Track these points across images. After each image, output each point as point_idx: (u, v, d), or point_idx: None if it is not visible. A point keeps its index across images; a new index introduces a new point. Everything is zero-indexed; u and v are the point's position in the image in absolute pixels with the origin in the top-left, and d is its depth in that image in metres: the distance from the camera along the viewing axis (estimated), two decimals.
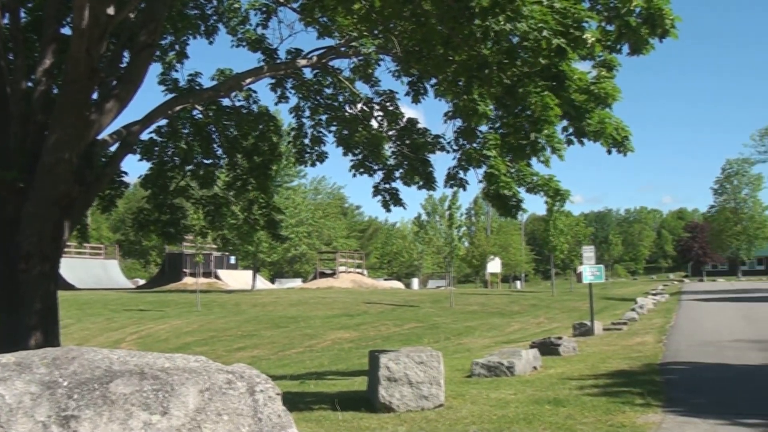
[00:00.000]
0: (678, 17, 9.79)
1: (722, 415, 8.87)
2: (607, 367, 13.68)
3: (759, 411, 9.22)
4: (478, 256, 76.00)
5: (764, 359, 14.57)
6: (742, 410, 9.24)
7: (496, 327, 31.11)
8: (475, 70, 9.88)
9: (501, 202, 11.90)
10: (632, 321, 25.39)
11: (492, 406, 9.50)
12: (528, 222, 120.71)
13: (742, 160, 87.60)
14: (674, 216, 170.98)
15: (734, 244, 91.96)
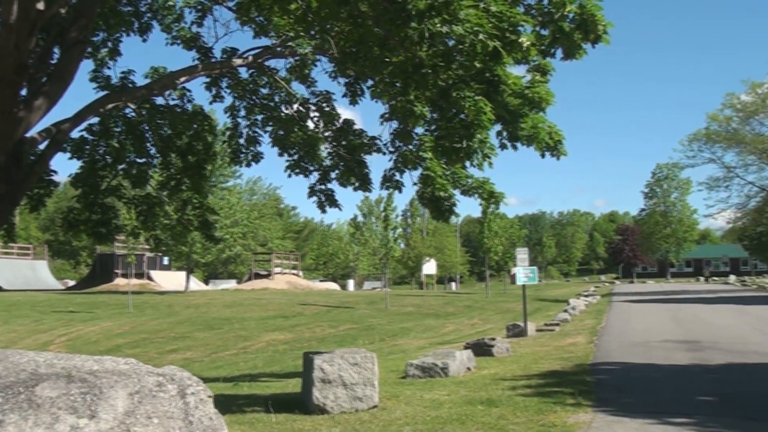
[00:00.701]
0: (610, 23, 9.95)
1: (651, 414, 9.06)
2: (540, 368, 13.85)
3: (686, 410, 9.44)
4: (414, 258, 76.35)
5: (691, 359, 14.92)
6: (669, 409, 9.44)
7: (431, 328, 31.27)
8: (411, 72, 9.91)
9: (435, 204, 11.96)
10: (564, 322, 25.75)
11: (426, 406, 9.54)
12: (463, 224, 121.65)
13: (671, 165, 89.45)
14: (606, 219, 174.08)
15: (663, 246, 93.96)
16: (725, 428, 8.37)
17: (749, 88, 62.44)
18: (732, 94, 64.65)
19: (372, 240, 54.48)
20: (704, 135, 65.52)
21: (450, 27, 8.57)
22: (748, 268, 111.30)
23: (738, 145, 63.56)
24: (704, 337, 19.27)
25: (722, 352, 16.07)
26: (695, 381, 12.34)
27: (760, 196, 64.30)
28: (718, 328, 22.03)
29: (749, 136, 63.22)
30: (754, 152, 62.72)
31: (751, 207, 65.53)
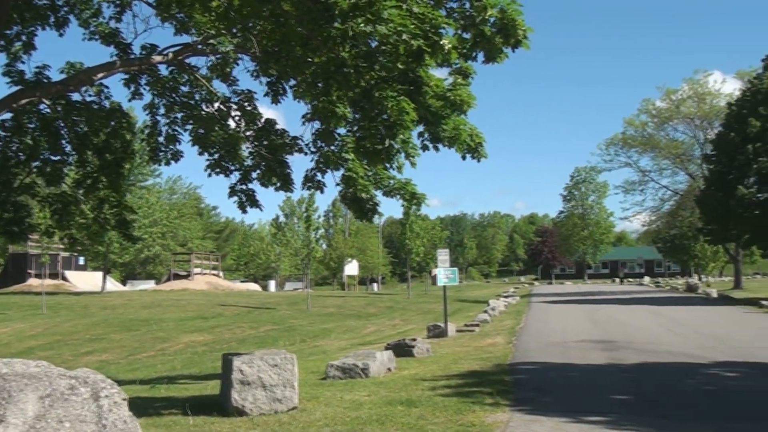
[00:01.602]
0: (530, 28, 10.07)
1: (567, 413, 9.21)
2: (459, 368, 13.95)
3: (601, 409, 9.63)
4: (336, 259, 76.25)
5: (607, 359, 15.23)
6: (585, 408, 9.61)
7: (352, 329, 31.26)
8: (333, 72, 9.87)
9: (358, 205, 11.97)
10: (484, 323, 26.01)
11: (346, 407, 9.52)
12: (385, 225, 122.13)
13: (589, 169, 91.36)
14: (526, 221, 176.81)
15: (581, 248, 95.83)
16: (638, 426, 8.55)
17: (664, 95, 64.26)
18: (648, 99, 66.43)
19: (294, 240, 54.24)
20: (621, 139, 67.12)
21: (373, 27, 8.57)
22: (661, 269, 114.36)
23: (653, 150, 65.29)
24: (619, 338, 19.70)
25: (636, 351, 16.45)
26: (610, 380, 12.59)
27: (673, 199, 66.19)
28: (633, 329, 22.55)
29: (664, 141, 65.00)
30: (668, 157, 64.51)
31: (665, 210, 67.43)
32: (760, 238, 42.77)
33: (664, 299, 41.95)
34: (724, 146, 42.07)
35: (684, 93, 63.20)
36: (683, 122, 63.92)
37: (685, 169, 64.63)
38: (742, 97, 43.74)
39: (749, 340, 18.93)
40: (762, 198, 39.15)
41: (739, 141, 40.16)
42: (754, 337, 19.75)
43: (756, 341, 18.52)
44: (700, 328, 22.56)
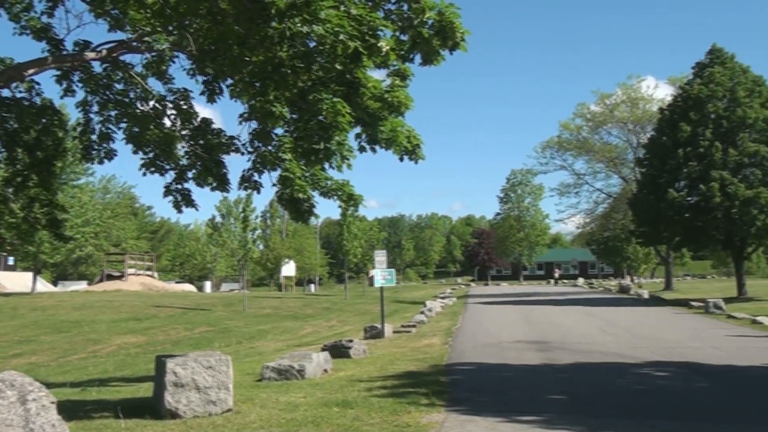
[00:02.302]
0: (467, 31, 10.15)
1: (501, 413, 9.30)
2: (396, 369, 13.99)
3: (535, 409, 9.75)
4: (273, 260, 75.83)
5: (541, 359, 15.43)
6: (520, 408, 9.73)
7: (289, 330, 31.11)
8: (270, 72, 9.81)
9: (295, 206, 11.89)
10: (421, 324, 26.13)
11: (281, 409, 9.47)
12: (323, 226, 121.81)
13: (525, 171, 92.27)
14: (463, 222, 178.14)
15: (517, 249, 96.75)
16: (571, 425, 8.68)
17: (599, 99, 65.34)
18: (583, 104, 67.41)
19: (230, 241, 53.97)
20: (556, 143, 67.98)
21: (311, 27, 8.54)
22: (595, 271, 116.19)
23: (588, 153, 66.27)
24: (554, 338, 19.97)
25: (570, 352, 16.70)
26: (545, 380, 12.75)
27: (607, 202, 67.29)
28: (567, 329, 22.88)
29: (598, 144, 66.04)
30: (603, 160, 65.56)
31: (599, 213, 68.52)
32: (689, 240, 43.75)
33: (598, 300, 42.67)
34: (656, 150, 42.93)
35: (618, 98, 64.33)
36: (617, 126, 65.06)
37: (619, 172, 65.75)
38: (673, 102, 44.67)
39: (679, 340, 19.34)
40: (692, 201, 40.05)
41: (671, 145, 41.02)
42: (683, 337, 20.18)
43: (685, 341, 18.93)
44: (631, 328, 22.99)
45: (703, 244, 48.07)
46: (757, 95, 40.76)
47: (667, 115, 43.79)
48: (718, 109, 40.35)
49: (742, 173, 39.32)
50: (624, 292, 51.60)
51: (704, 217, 38.92)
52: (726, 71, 41.79)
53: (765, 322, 24.25)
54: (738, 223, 38.71)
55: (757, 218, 37.73)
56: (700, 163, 39.29)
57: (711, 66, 42.64)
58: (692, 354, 16.05)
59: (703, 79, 41.98)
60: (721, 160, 38.76)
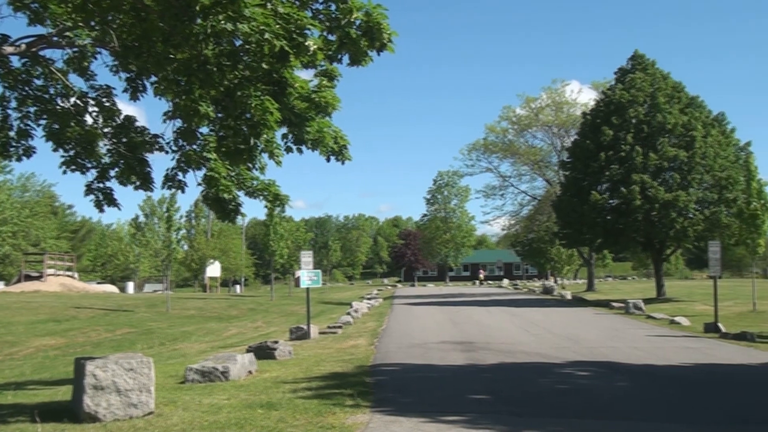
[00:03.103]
0: (395, 32, 10.16)
1: (426, 413, 9.35)
2: (321, 370, 13.96)
3: (459, 408, 9.83)
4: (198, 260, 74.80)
5: (466, 360, 15.56)
6: (444, 408, 9.79)
7: (213, 331, 30.79)
8: (196, 69, 9.68)
9: (220, 205, 11.77)
10: (347, 325, 26.14)
11: (204, 411, 9.35)
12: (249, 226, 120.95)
13: (452, 173, 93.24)
14: (390, 223, 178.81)
15: (443, 251, 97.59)
16: (493, 424, 8.77)
17: (524, 103, 66.29)
18: (508, 107, 68.37)
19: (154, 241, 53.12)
20: (482, 145, 68.77)
21: (235, 25, 8.45)
22: (520, 272, 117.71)
23: (513, 156, 67.24)
24: (478, 339, 20.17)
25: (494, 352, 16.88)
26: (469, 380, 12.86)
27: (531, 204, 68.36)
28: (491, 330, 23.13)
29: (523, 147, 67.03)
30: (527, 163, 66.58)
31: (524, 215, 69.58)
32: (611, 242, 44.69)
33: (522, 301, 43.26)
34: (580, 154, 43.74)
35: (543, 101, 65.40)
36: (542, 130, 66.13)
37: (543, 175, 66.85)
38: (596, 107, 45.59)
39: (599, 340, 19.73)
40: (613, 204, 40.93)
41: (594, 149, 41.85)
42: (604, 337, 20.59)
43: (606, 341, 19.32)
44: (554, 329, 23.36)
45: (624, 246, 49.23)
46: (676, 101, 41.89)
47: (590, 119, 44.68)
48: (639, 114, 41.33)
49: (662, 177, 40.37)
50: (547, 293, 52.43)
51: (625, 219, 39.83)
52: (647, 77, 42.86)
53: (682, 323, 24.94)
54: (657, 225, 39.73)
55: (675, 221, 38.78)
56: (622, 167, 40.18)
57: (632, 72, 43.68)
58: (613, 354, 16.39)
59: (625, 85, 42.97)
60: (641, 164, 39.68)
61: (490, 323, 25.98)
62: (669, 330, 23.11)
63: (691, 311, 31.08)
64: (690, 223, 39.45)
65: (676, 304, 37.10)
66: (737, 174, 39.09)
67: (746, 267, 76.28)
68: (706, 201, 40.14)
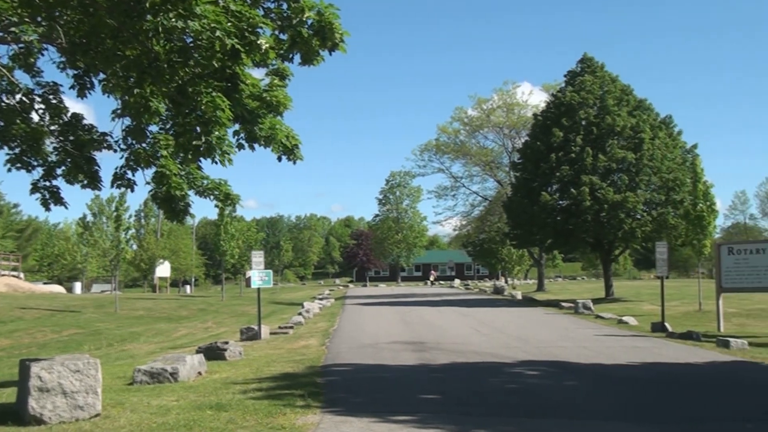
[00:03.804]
0: (347, 32, 10.14)
1: (377, 413, 9.34)
2: (272, 371, 13.87)
3: (410, 408, 9.83)
4: (147, 260, 73.96)
5: (417, 359, 15.58)
6: (395, 408, 9.78)
7: (162, 332, 30.48)
8: (146, 66, 9.56)
9: (170, 204, 11.63)
10: (298, 325, 26.05)
11: (152, 413, 9.23)
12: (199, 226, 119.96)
13: (404, 173, 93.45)
14: (342, 224, 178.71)
15: (395, 251, 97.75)
16: (443, 424, 8.79)
17: (476, 104, 66.69)
18: (460, 108, 68.80)
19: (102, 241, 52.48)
20: (434, 146, 69.04)
21: (186, 22, 8.36)
22: (471, 272, 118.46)
23: (464, 157, 67.58)
24: (429, 339, 20.22)
25: (445, 352, 16.93)
26: (420, 380, 12.88)
27: (483, 205, 68.80)
28: (443, 330, 23.21)
29: (475, 148, 67.42)
30: (479, 164, 66.99)
31: (475, 215, 69.99)
32: (561, 242, 45.19)
33: (473, 301, 43.49)
34: (530, 155, 44.15)
35: (494, 103, 65.86)
36: (493, 131, 66.59)
37: (494, 176, 67.31)
38: (547, 108, 46.07)
39: (549, 340, 19.90)
40: (563, 205, 41.39)
41: (544, 150, 42.27)
42: (553, 337, 20.78)
43: (555, 341, 19.50)
44: (504, 328, 23.53)
45: (573, 246, 49.82)
46: (625, 104, 42.49)
47: (541, 120, 45.13)
48: (589, 116, 41.86)
49: (611, 178, 40.92)
50: (498, 293, 52.79)
51: (575, 220, 40.29)
52: (596, 80, 43.42)
53: (630, 322, 25.28)
54: (606, 226, 40.26)
55: (624, 222, 39.33)
56: (572, 168, 40.64)
57: (582, 74, 44.22)
58: (562, 353, 16.55)
59: (575, 87, 43.48)
60: (591, 165, 40.17)
61: (442, 323, 26.07)
62: (617, 329, 23.41)
63: (638, 311, 31.52)
64: (638, 224, 40.06)
65: (625, 304, 37.59)
66: (684, 176, 39.76)
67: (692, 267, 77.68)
68: (654, 202, 40.79)
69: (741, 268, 22.87)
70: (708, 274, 60.60)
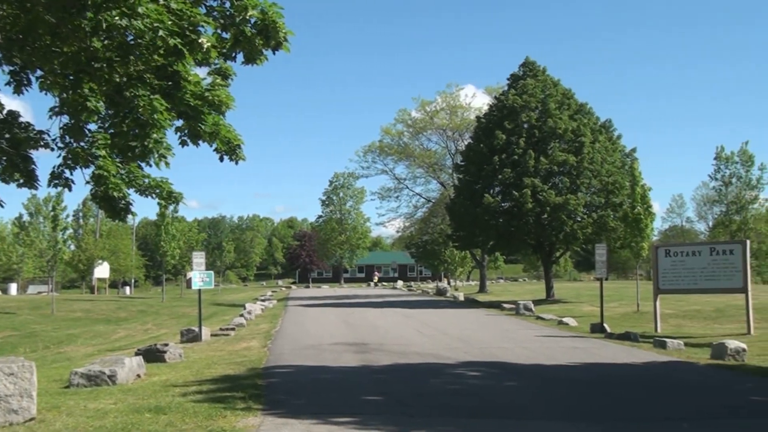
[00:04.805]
0: (290, 31, 10.08)
1: (318, 414, 9.31)
2: (212, 373, 13.74)
3: (351, 410, 9.81)
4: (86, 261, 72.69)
5: (359, 361, 15.57)
6: (336, 410, 9.76)
7: (101, 334, 30.01)
8: (85, 64, 9.39)
9: (110, 204, 11.43)
10: (240, 326, 25.84)
11: (89, 417, 9.06)
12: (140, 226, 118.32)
13: (348, 174, 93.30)
14: (285, 224, 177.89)
15: (338, 252, 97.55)
16: (385, 425, 8.80)
17: (419, 106, 66.96)
18: (404, 110, 68.87)
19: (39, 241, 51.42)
20: (378, 147, 69.15)
21: (129, 21, 8.23)
22: (414, 274, 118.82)
23: (408, 159, 67.80)
24: (372, 340, 20.22)
25: (387, 353, 16.95)
26: (362, 381, 12.87)
27: (426, 207, 69.07)
28: (385, 331, 23.24)
29: (418, 150, 67.68)
30: (422, 166, 67.25)
31: (418, 217, 70.26)
32: (503, 244, 45.58)
33: (416, 302, 43.63)
34: (473, 157, 44.45)
35: (438, 105, 66.18)
36: (437, 133, 66.94)
37: (438, 177, 67.64)
38: (490, 111, 46.43)
39: (490, 340, 20.06)
40: (506, 207, 41.72)
41: (487, 153, 42.59)
42: (495, 338, 20.95)
43: (496, 342, 19.66)
44: (447, 329, 23.64)
45: (515, 248, 50.30)
46: (566, 107, 43.03)
47: (484, 123, 45.47)
48: (531, 119, 42.30)
49: (552, 181, 41.39)
50: (441, 295, 53.05)
51: (517, 222, 40.67)
52: (538, 83, 43.91)
53: (570, 323, 25.63)
54: (548, 228, 40.73)
55: (565, 224, 39.82)
56: (514, 170, 41.01)
57: (524, 78, 44.67)
58: (503, 354, 16.69)
59: (518, 90, 43.89)
60: (533, 168, 40.59)
61: (384, 324, 26.10)
62: (557, 330, 23.70)
63: (578, 312, 31.98)
64: (579, 226, 40.59)
65: (565, 305, 38.08)
66: (623, 179, 40.41)
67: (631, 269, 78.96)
68: (594, 205, 41.35)
69: (678, 270, 23.34)
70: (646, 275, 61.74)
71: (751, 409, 10.43)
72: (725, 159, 41.61)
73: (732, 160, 41.43)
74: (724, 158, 41.65)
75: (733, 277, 22.14)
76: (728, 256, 22.36)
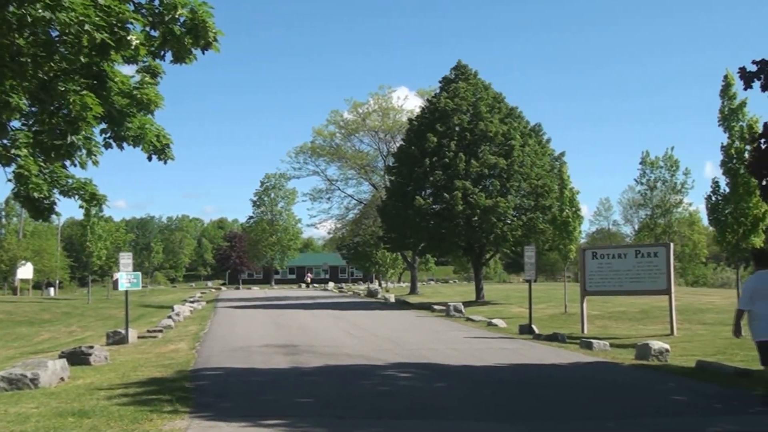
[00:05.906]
0: (220, 31, 9.97)
1: (247, 417, 9.24)
2: (139, 376, 13.53)
3: (281, 412, 9.77)
4: (8, 261, 70.92)
5: (290, 363, 15.49)
6: (265, 412, 9.70)
7: (23, 337, 29.34)
8: (8, 60, 9.14)
9: (32, 204, 11.18)
10: (168, 328, 25.50)
11: (10, 421, 8.84)
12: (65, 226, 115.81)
13: (279, 175, 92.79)
14: (215, 225, 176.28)
15: (269, 253, 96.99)
16: (314, 427, 8.79)
17: (352, 107, 67.01)
18: (336, 111, 68.79)
19: None
20: (310, 148, 68.97)
21: (54, 14, 8.03)
22: (345, 275, 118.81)
23: (340, 160, 67.77)
24: (302, 342, 20.15)
25: (318, 355, 16.91)
26: (292, 383, 12.81)
27: (357, 208, 69.13)
28: (315, 333, 23.17)
29: (350, 152, 67.70)
30: (354, 167, 67.26)
31: (350, 218, 70.26)
32: (434, 246, 45.90)
33: (347, 304, 43.60)
34: (405, 159, 44.64)
35: (370, 107, 66.29)
36: (369, 134, 67.02)
37: (370, 179, 67.75)
38: (422, 114, 46.71)
39: (421, 342, 20.15)
40: (437, 209, 41.99)
41: (418, 155, 42.80)
42: (425, 339, 21.05)
43: (426, 343, 19.75)
44: (377, 331, 23.68)
45: (446, 250, 50.71)
46: (497, 111, 43.54)
47: (416, 125, 45.72)
48: (463, 122, 42.65)
49: (483, 183, 41.80)
50: (372, 296, 53.16)
51: (448, 224, 40.98)
52: (470, 87, 44.35)
53: (499, 325, 25.93)
54: (478, 230, 41.13)
55: (495, 226, 40.26)
56: (445, 173, 41.30)
57: (456, 81, 45.05)
58: (433, 355, 16.78)
59: (449, 93, 44.23)
60: (464, 171, 40.94)
61: (315, 326, 26.03)
62: (487, 332, 23.94)
63: (508, 313, 32.33)
64: (509, 229, 41.09)
65: (494, 306, 38.49)
66: (552, 182, 41.02)
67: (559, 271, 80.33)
68: (524, 207, 41.93)
69: (604, 272, 23.77)
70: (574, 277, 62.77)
71: (673, 408, 10.66)
72: (650, 164, 42.41)
73: (657, 164, 42.26)
74: (649, 163, 42.43)
75: (658, 279, 22.61)
76: (653, 259, 22.82)
